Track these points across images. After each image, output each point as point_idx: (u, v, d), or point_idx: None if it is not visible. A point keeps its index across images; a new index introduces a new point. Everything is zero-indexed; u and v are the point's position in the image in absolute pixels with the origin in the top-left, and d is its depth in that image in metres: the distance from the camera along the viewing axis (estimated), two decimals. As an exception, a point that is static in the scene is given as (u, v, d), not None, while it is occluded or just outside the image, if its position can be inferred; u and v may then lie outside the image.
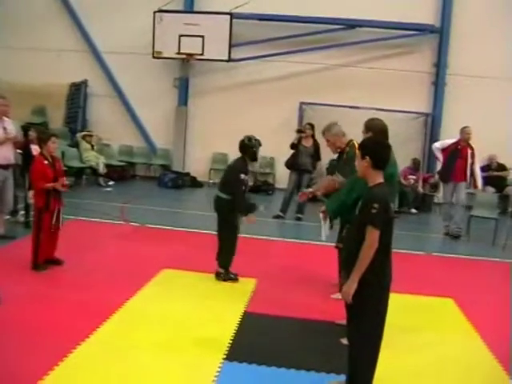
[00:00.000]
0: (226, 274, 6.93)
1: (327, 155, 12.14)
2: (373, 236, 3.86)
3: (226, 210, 6.84)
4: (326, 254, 6.91)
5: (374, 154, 4.02)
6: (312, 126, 11.52)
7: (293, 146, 11.45)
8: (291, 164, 11.46)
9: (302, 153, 11.38)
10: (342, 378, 4.28)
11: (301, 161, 11.32)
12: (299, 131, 11.74)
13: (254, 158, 7.07)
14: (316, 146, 11.38)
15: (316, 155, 11.48)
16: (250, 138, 6.96)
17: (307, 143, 11.44)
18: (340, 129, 6.46)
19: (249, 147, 6.92)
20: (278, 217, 11.30)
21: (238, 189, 6.76)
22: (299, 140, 11.43)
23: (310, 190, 6.99)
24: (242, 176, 6.79)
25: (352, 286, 3.91)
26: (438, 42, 14.98)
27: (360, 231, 3.92)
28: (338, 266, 6.19)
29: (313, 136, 11.45)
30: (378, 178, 4.04)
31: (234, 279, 6.91)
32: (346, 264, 4.06)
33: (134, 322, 5.42)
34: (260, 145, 7.01)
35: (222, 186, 6.97)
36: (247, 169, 6.97)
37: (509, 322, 6.17)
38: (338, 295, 5.96)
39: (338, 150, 6.50)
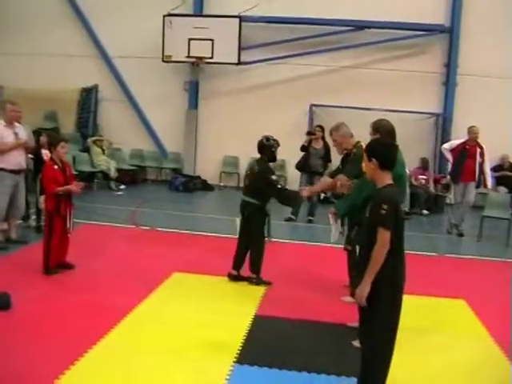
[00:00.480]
0: (258, 279, 6.94)
1: (338, 157, 12.16)
2: (384, 237, 3.84)
3: (256, 216, 6.86)
4: (337, 256, 6.88)
5: (380, 156, 4.02)
6: (322, 128, 11.52)
7: (303, 148, 11.45)
8: (302, 166, 11.44)
9: (312, 155, 11.37)
10: (353, 380, 4.26)
11: (312, 163, 11.31)
12: (309, 133, 11.74)
13: (273, 159, 7.04)
14: (326, 147, 11.37)
15: (326, 157, 11.47)
16: (268, 138, 6.95)
17: (317, 145, 11.43)
18: (348, 130, 6.41)
19: (267, 147, 6.92)
20: (289, 219, 11.28)
21: (275, 190, 6.79)
22: (310, 142, 11.43)
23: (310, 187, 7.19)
24: (274, 177, 6.83)
25: (365, 288, 3.88)
26: (448, 42, 14.92)
27: (371, 233, 3.91)
28: (348, 268, 6.19)
29: (323, 138, 11.45)
30: (386, 179, 4.03)
31: (268, 283, 6.91)
32: (358, 267, 4.04)
33: (144, 326, 5.43)
34: (278, 145, 7.00)
35: (251, 191, 6.91)
36: (273, 169, 7.02)
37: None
38: (349, 298, 5.99)
39: (345, 152, 6.46)
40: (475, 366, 5.02)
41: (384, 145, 4.22)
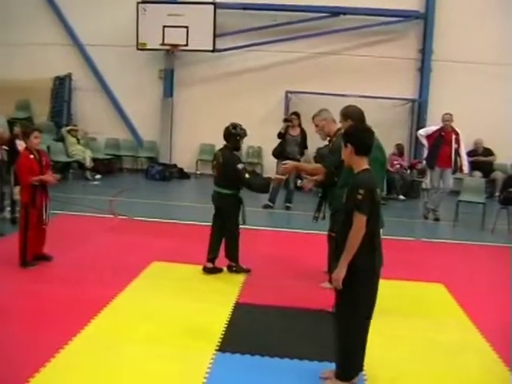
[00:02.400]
0: (238, 266, 6.89)
1: (314, 144, 12.20)
2: (360, 222, 3.90)
3: (229, 205, 6.75)
4: (316, 242, 6.92)
5: (356, 141, 4.08)
6: (298, 115, 11.55)
7: (280, 135, 11.45)
8: (279, 153, 11.43)
9: (289, 142, 11.37)
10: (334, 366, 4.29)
11: (288, 150, 11.30)
12: (286, 120, 11.73)
13: (237, 148, 6.89)
14: (303, 134, 11.40)
15: (303, 144, 11.49)
16: (235, 126, 6.78)
17: (294, 132, 11.44)
18: (330, 115, 6.41)
19: (233, 136, 6.74)
20: (266, 206, 11.28)
21: (242, 179, 6.62)
22: (286, 129, 11.42)
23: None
24: (240, 166, 6.64)
25: (341, 271, 3.96)
26: (422, 28, 14.95)
27: (348, 218, 3.95)
28: (328, 254, 6.21)
29: (299, 125, 11.47)
30: (362, 164, 4.08)
31: (247, 271, 6.89)
32: (336, 251, 4.08)
33: (125, 316, 5.40)
34: (245, 135, 6.83)
35: (221, 181, 6.77)
36: (239, 157, 6.86)
37: (499, 305, 6.20)
38: (328, 284, 6.01)
39: (328, 138, 6.46)
40: (454, 347, 5.08)
41: (359, 130, 4.29)
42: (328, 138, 6.47)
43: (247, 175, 6.68)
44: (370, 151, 4.13)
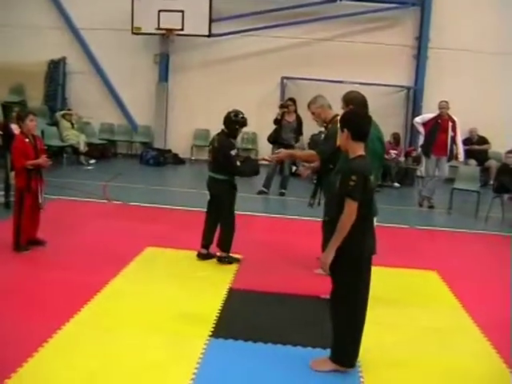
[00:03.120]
0: (229, 257, 6.76)
1: (309, 130, 12.18)
2: (351, 207, 3.90)
3: (223, 191, 6.62)
4: (310, 228, 6.92)
5: (352, 126, 4.06)
6: (294, 101, 11.51)
7: (276, 122, 11.41)
8: (274, 139, 11.40)
9: (285, 128, 11.33)
10: (329, 352, 4.30)
11: (284, 136, 11.27)
12: (282, 106, 11.69)
13: (234, 136, 6.74)
14: (299, 120, 11.36)
15: (299, 130, 11.46)
16: (237, 114, 6.60)
17: (290, 118, 11.40)
18: (326, 101, 6.34)
19: (233, 123, 6.56)
20: (261, 192, 11.27)
21: (234, 166, 6.49)
22: (282, 115, 11.38)
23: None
24: (233, 153, 6.50)
25: (329, 256, 3.98)
26: (419, 15, 14.91)
27: (341, 204, 3.95)
28: (322, 240, 6.20)
29: (295, 111, 11.44)
30: (358, 150, 4.06)
31: (238, 260, 6.78)
32: (327, 237, 4.09)
33: (118, 302, 5.40)
34: (245, 124, 6.65)
35: (216, 167, 6.63)
36: (233, 143, 6.69)
37: (492, 292, 6.25)
38: (321, 270, 6.02)
39: (325, 125, 6.42)
40: (447, 334, 5.11)
41: (356, 115, 4.26)
42: (324, 125, 6.43)
43: (238, 163, 6.55)
44: (367, 137, 4.12)
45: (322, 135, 6.97)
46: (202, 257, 6.82)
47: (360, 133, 4.06)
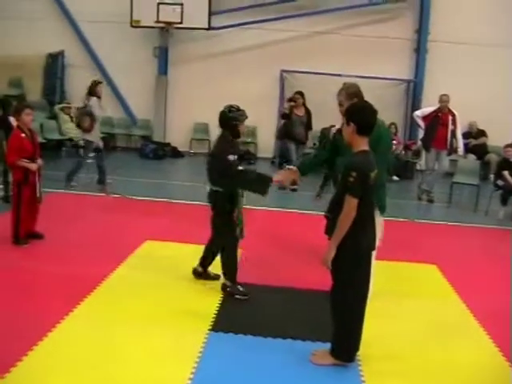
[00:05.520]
0: (234, 287, 5.55)
1: (319, 125, 12.01)
2: (350, 204, 3.89)
3: (220, 206, 5.48)
4: (313, 222, 6.89)
5: (358, 120, 4.00)
6: (302, 94, 11.34)
7: (284, 116, 11.19)
8: (284, 134, 11.17)
9: (295, 122, 11.12)
10: (328, 346, 4.30)
11: (296, 131, 11.05)
12: (290, 100, 11.52)
13: (237, 134, 5.56)
14: (308, 114, 11.18)
15: (309, 124, 11.25)
16: (230, 109, 5.49)
17: (300, 112, 11.21)
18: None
19: (230, 120, 5.44)
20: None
21: (232, 176, 5.36)
22: (291, 109, 11.21)
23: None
24: (231, 158, 5.36)
25: (330, 252, 3.97)
26: (419, 8, 14.87)
27: (342, 199, 3.93)
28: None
29: (304, 104, 11.27)
30: (362, 144, 4.02)
31: (245, 294, 5.52)
32: (332, 232, 4.07)
33: (118, 295, 5.39)
34: (244, 116, 5.53)
35: (211, 176, 5.53)
36: (233, 146, 5.52)
37: (491, 286, 6.26)
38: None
39: None
40: (446, 327, 5.13)
41: (364, 109, 4.16)
42: None
43: (238, 168, 5.43)
44: (372, 131, 4.06)
45: (333, 129, 6.44)
46: (197, 275, 5.94)
47: (366, 127, 4.01)
